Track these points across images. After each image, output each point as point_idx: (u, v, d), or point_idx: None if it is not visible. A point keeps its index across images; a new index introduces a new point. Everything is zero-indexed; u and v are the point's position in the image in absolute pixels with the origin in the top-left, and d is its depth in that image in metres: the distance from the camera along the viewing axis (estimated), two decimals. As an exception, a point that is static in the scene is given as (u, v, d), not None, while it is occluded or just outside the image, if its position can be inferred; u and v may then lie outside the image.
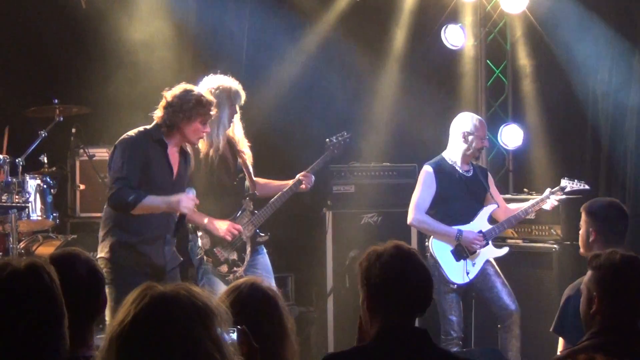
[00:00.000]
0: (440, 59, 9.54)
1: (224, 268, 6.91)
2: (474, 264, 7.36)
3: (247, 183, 7.07)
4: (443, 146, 7.64)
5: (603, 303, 3.89)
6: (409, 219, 7.51)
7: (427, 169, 7.49)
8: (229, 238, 6.82)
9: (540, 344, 7.51)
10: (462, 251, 7.35)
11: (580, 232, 5.53)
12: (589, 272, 4.01)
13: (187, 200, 6.14)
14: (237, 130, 7.03)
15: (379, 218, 8.69)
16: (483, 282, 7.44)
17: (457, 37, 9.29)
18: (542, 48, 9.30)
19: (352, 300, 8.45)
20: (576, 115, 9.17)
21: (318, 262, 8.23)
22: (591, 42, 8.96)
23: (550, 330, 5.26)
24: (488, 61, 9.66)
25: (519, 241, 8.33)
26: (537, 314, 7.76)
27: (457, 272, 7.34)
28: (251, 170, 7.06)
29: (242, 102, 6.92)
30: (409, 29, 9.60)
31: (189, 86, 6.41)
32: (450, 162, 7.50)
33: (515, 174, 9.59)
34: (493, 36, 9.64)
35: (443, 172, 7.46)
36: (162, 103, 6.31)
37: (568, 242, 8.00)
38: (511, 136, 9.27)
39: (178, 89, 6.35)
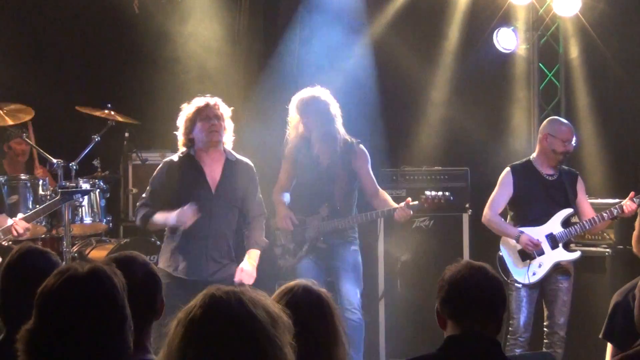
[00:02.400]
0: (492, 62, 9.49)
1: (277, 251, 7.40)
2: (540, 265, 7.31)
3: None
4: (495, 150, 7.59)
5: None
6: (483, 217, 7.54)
7: (506, 170, 7.52)
8: (281, 225, 7.30)
9: (593, 349, 7.44)
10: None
11: (634, 232, 5.49)
12: (640, 276, 3.98)
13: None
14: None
15: (431, 222, 8.66)
16: (551, 293, 7.39)
17: (509, 40, 9.27)
18: (595, 51, 9.22)
19: (403, 305, 8.45)
20: (630, 118, 9.09)
21: (369, 266, 8.19)
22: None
23: (600, 336, 5.21)
24: (540, 64, 9.58)
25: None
26: (590, 318, 7.69)
27: (522, 272, 7.31)
28: (349, 180, 7.29)
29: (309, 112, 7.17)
30: (461, 32, 9.57)
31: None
32: (534, 165, 7.48)
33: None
34: (545, 39, 9.57)
35: (523, 173, 7.45)
36: None
37: (621, 247, 7.93)
38: (564, 140, 9.18)
39: None
